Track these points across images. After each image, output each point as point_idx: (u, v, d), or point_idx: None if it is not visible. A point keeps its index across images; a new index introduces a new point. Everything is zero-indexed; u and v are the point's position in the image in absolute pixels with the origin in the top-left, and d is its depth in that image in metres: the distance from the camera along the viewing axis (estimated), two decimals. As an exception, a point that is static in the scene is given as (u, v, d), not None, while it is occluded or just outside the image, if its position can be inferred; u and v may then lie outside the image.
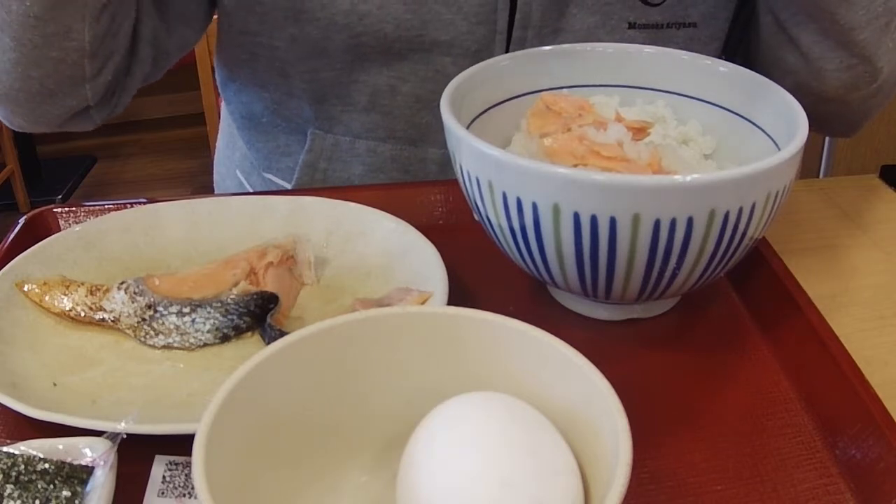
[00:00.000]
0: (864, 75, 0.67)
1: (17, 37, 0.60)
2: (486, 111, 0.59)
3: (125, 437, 0.44)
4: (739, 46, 0.78)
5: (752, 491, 0.45)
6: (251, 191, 0.87)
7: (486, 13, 0.69)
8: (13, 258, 0.57)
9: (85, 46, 0.62)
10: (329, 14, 0.69)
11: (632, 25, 0.71)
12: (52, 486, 0.42)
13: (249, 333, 0.56)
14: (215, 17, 0.78)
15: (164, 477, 0.45)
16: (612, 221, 0.47)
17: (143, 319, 0.54)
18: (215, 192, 0.95)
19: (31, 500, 0.41)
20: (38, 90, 0.64)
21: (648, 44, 0.67)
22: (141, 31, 0.69)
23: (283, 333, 0.47)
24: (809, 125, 0.51)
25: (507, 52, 0.70)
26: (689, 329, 0.57)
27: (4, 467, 0.42)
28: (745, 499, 0.44)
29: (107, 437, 0.44)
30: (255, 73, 0.78)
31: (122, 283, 0.56)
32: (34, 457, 0.43)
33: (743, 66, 0.59)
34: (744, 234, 0.49)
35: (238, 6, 0.73)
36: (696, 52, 0.61)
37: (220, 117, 0.98)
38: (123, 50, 0.67)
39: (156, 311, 0.54)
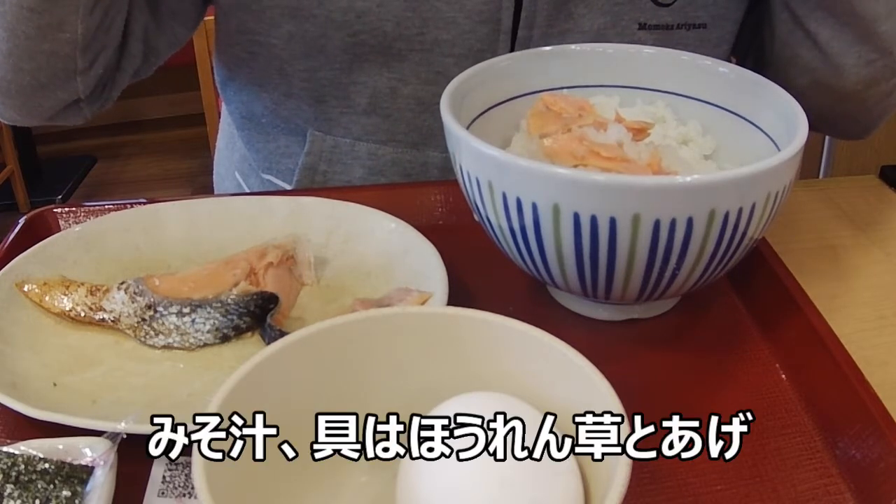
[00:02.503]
0: (883, 70, 0.66)
1: (11, 28, 0.61)
2: (486, 111, 0.59)
3: (125, 437, 0.44)
4: (750, 49, 0.77)
5: (752, 491, 0.45)
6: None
7: (489, 11, 0.69)
8: (13, 258, 0.57)
9: (77, 39, 0.63)
10: (326, 11, 0.68)
11: (642, 26, 0.70)
12: (52, 486, 0.42)
13: (249, 333, 0.56)
14: (213, 16, 0.78)
15: (164, 477, 0.45)
16: (612, 222, 0.47)
17: (143, 319, 0.54)
18: (215, 192, 0.95)
19: (31, 500, 0.41)
20: (30, 82, 0.65)
21: (658, 46, 0.67)
22: (132, 27, 0.69)
23: (283, 333, 0.47)
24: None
25: (511, 52, 0.70)
26: (689, 329, 0.57)
27: (4, 467, 0.42)
28: (745, 499, 0.44)
29: (107, 437, 0.44)
30: (254, 72, 0.77)
31: (122, 283, 0.56)
32: (34, 457, 0.43)
33: (754, 69, 0.59)
34: (744, 234, 0.49)
35: (236, 5, 0.72)
36: (705, 54, 0.61)
37: (220, 117, 0.98)
38: (115, 44, 0.68)
39: (156, 312, 0.54)
